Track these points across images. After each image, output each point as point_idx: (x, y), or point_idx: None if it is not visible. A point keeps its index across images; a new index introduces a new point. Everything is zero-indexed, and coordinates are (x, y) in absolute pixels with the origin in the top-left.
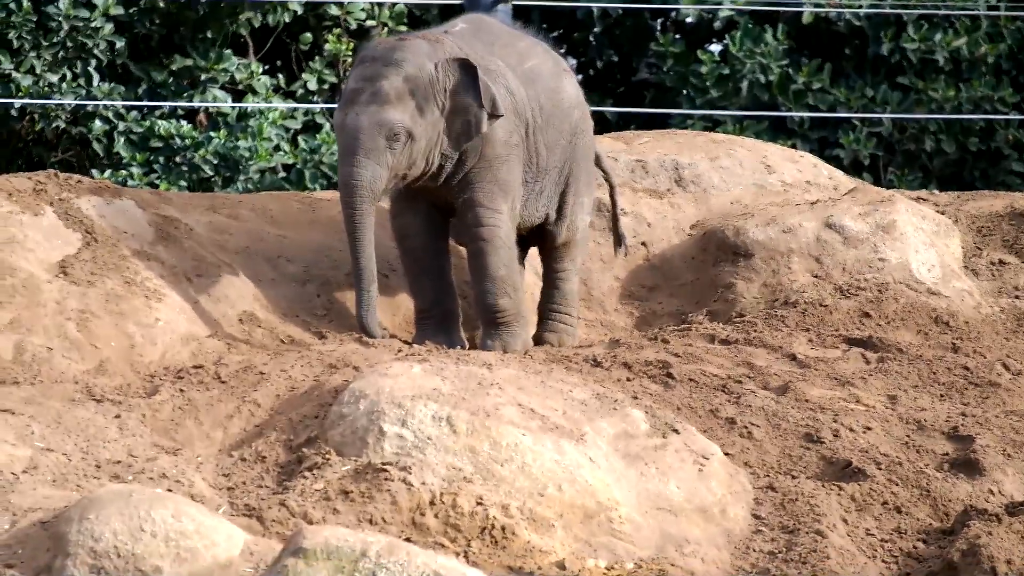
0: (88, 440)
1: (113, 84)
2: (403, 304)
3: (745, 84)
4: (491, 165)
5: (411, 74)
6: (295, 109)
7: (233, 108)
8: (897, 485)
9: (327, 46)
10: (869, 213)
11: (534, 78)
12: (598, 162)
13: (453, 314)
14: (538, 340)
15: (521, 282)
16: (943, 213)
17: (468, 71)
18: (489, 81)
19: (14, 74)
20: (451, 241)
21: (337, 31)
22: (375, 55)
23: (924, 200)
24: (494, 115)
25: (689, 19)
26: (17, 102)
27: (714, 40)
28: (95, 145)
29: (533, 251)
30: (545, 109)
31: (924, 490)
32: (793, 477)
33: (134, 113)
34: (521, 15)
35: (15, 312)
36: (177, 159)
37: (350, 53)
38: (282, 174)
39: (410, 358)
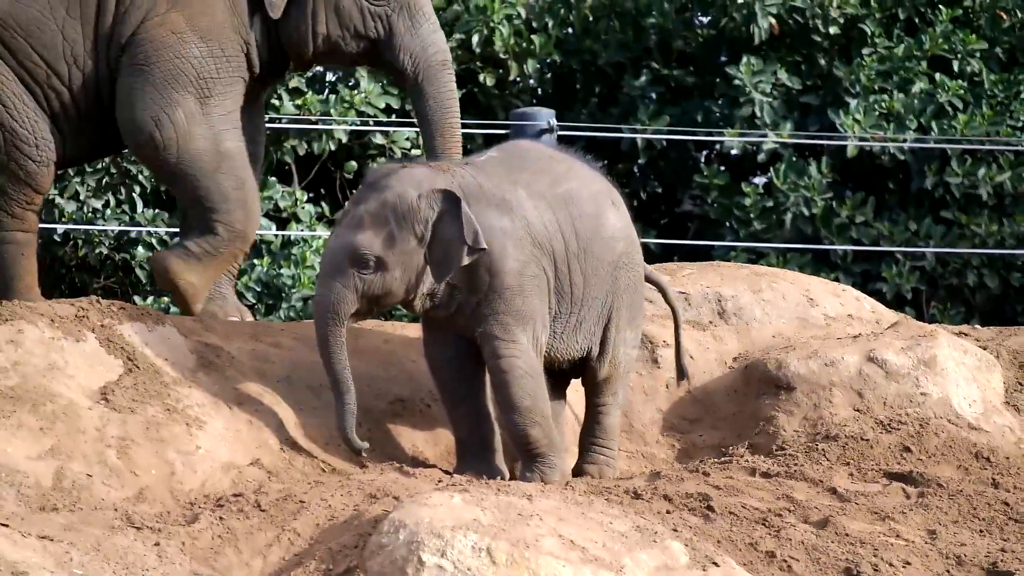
0: (127, 568)
1: (156, 211)
2: (444, 435)
3: (788, 217)
4: (503, 296)
5: (389, 201)
6: None
7: (277, 236)
8: None
9: None
10: (911, 347)
11: (568, 202)
12: (664, 293)
13: (490, 442)
14: (578, 472)
15: (559, 412)
16: (985, 348)
17: (452, 203)
18: (496, 214)
19: (58, 199)
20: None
21: (382, 160)
22: (372, 179)
23: (966, 335)
24: (476, 249)
25: (733, 151)
26: (60, 227)
27: (758, 173)
28: (138, 271)
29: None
30: (582, 235)
31: None
32: None
33: (177, 240)
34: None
35: (55, 439)
36: None
37: None
38: None
39: (450, 488)
